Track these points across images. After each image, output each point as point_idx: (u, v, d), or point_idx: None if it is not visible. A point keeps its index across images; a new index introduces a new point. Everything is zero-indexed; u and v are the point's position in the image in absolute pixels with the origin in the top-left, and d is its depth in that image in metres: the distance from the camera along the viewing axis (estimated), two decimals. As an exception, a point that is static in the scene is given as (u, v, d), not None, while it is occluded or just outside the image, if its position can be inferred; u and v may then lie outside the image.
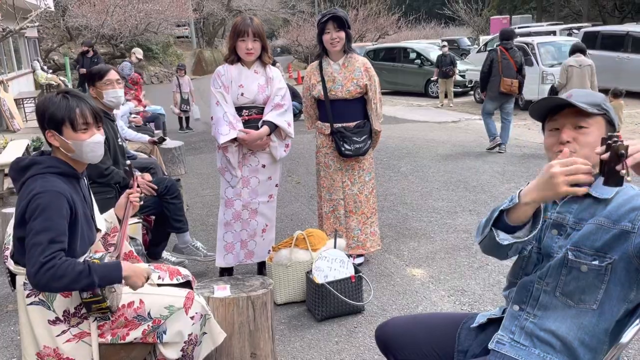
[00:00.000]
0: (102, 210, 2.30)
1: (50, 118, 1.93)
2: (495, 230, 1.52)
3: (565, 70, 7.18)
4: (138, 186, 2.39)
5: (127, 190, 2.31)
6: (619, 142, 1.27)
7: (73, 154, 1.97)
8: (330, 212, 3.81)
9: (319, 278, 3.08)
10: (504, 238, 1.50)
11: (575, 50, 7.34)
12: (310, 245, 3.32)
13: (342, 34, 3.57)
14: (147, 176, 3.46)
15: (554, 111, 1.58)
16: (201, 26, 34.98)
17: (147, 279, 1.99)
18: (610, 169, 1.28)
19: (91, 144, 1.97)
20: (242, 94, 3.36)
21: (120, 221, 2.28)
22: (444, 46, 13.81)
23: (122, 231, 2.17)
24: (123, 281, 1.89)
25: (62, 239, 1.81)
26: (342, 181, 3.76)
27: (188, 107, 10.89)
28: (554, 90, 7.84)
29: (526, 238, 1.49)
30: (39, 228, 1.78)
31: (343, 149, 3.63)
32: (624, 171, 1.26)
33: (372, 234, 3.84)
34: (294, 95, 9.12)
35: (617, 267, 1.47)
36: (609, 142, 1.28)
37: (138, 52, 10.16)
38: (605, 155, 1.28)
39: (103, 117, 2.09)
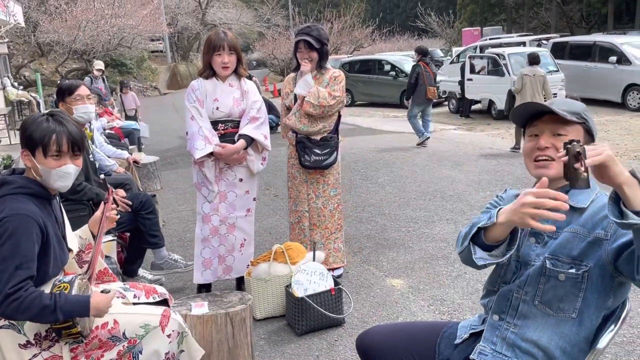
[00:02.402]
0: (75, 228, 2.24)
1: (28, 138, 1.91)
2: (473, 246, 1.53)
3: (521, 78, 8.00)
4: (114, 199, 2.33)
5: (102, 205, 2.24)
6: (574, 144, 1.31)
7: (41, 179, 1.94)
8: (295, 223, 3.82)
9: (299, 292, 3.06)
10: (480, 257, 1.51)
11: (532, 61, 8.22)
12: (289, 259, 3.29)
13: (314, 54, 3.61)
14: (121, 192, 3.41)
15: (534, 117, 1.61)
16: (176, 40, 34.83)
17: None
18: (570, 170, 1.31)
19: (60, 173, 1.93)
20: (217, 108, 3.34)
21: (94, 237, 2.22)
22: None
23: (96, 248, 2.11)
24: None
25: (30, 265, 1.77)
26: (307, 193, 3.76)
27: None
28: (511, 94, 8.72)
29: (502, 259, 1.50)
30: (6, 254, 1.74)
31: (303, 159, 3.65)
32: (582, 169, 1.29)
33: (335, 250, 3.81)
34: (270, 109, 9.11)
35: (593, 275, 1.49)
36: (567, 145, 1.32)
37: (98, 64, 9.98)
38: (565, 158, 1.32)
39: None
